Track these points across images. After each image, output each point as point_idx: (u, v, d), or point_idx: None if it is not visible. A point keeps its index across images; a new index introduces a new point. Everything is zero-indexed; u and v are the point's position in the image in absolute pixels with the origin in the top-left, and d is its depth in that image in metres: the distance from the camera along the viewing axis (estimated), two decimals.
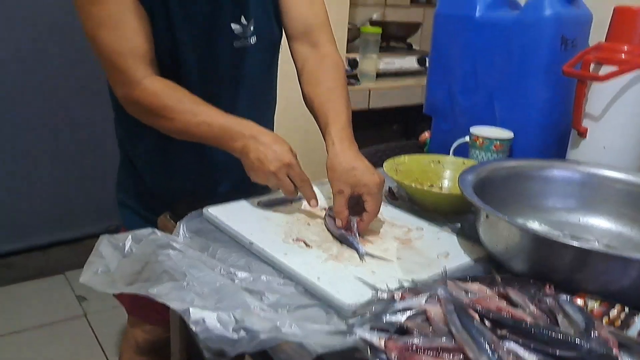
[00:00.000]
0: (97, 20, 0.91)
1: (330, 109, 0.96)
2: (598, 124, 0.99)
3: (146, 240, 0.77)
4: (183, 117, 0.91)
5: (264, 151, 0.87)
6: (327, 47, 1.06)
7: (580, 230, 0.92)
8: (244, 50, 1.03)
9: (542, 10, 1.05)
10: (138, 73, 0.92)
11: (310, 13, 1.06)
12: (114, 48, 0.91)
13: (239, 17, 1.00)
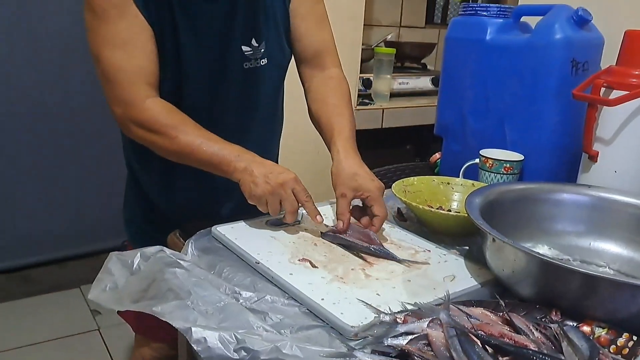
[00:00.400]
0: (105, 38, 0.92)
1: (335, 123, 1.01)
2: (609, 148, 0.99)
3: (154, 258, 0.78)
4: (184, 139, 0.92)
5: (270, 168, 0.90)
6: (333, 70, 1.12)
7: (590, 255, 0.91)
8: (254, 71, 1.05)
9: (552, 34, 1.06)
10: (140, 93, 0.94)
11: (320, 39, 1.10)
12: (120, 66, 0.93)
13: (250, 39, 1.02)
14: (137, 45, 0.93)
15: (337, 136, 0.99)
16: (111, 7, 0.91)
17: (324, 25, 1.11)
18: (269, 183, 0.88)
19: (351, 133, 1.01)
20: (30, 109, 2.39)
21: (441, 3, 3.35)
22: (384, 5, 2.95)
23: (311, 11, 1.08)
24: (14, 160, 2.42)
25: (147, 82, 0.94)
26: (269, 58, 1.06)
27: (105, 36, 0.92)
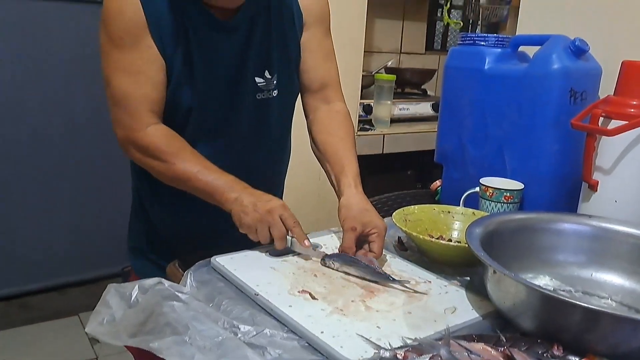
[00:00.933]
0: (117, 64, 0.96)
1: (344, 157, 1.04)
2: (609, 177, 0.99)
3: (152, 291, 0.78)
4: (181, 165, 0.96)
5: (258, 197, 0.93)
6: (338, 104, 1.15)
7: (592, 286, 0.90)
8: (266, 102, 1.07)
9: (550, 64, 1.07)
10: (144, 118, 0.97)
11: (326, 73, 1.13)
12: (127, 91, 0.96)
13: (263, 71, 1.05)
14: (146, 75, 0.96)
15: (348, 170, 1.01)
16: (127, 36, 0.95)
17: (331, 59, 1.14)
18: (257, 211, 0.91)
19: (357, 169, 1.03)
20: (31, 135, 2.41)
21: (441, 30, 3.39)
22: (384, 32, 2.98)
23: (320, 45, 1.12)
24: (14, 186, 2.43)
25: (152, 110, 0.98)
26: (280, 89, 1.08)
27: (118, 62, 0.96)
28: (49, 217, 2.53)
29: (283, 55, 1.07)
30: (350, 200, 0.97)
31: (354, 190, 0.99)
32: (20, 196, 2.45)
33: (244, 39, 1.02)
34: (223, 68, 1.02)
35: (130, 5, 0.94)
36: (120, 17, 0.95)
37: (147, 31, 0.95)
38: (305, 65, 1.12)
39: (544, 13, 1.36)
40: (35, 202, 2.49)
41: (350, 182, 1.00)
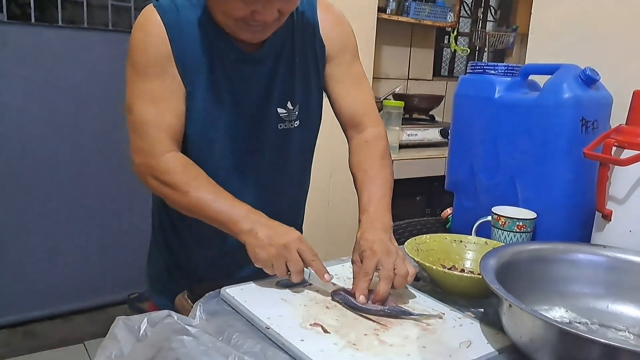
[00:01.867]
0: (140, 92, 0.98)
1: (363, 193, 1.03)
2: (623, 207, 0.97)
3: (161, 324, 0.76)
4: (196, 194, 0.95)
5: (273, 229, 0.91)
6: (368, 131, 1.12)
7: (609, 318, 0.88)
8: (288, 132, 1.08)
9: (561, 93, 1.06)
10: (163, 146, 0.97)
11: (355, 101, 1.12)
12: (148, 120, 0.97)
13: (286, 102, 1.06)
14: (168, 104, 0.98)
15: (363, 209, 1.00)
16: (151, 66, 0.96)
17: (361, 85, 1.13)
18: (273, 245, 0.89)
19: (381, 199, 1.01)
20: (39, 162, 2.43)
21: (448, 56, 3.41)
22: (392, 58, 3.01)
23: (347, 73, 1.11)
24: (20, 213, 2.44)
25: (171, 138, 0.98)
26: (301, 120, 1.09)
27: (141, 90, 0.97)
28: (55, 244, 2.53)
29: (305, 86, 1.08)
30: (360, 236, 0.95)
31: (365, 227, 0.96)
32: (26, 223, 2.45)
33: (269, 71, 1.04)
34: (249, 99, 1.03)
35: (155, 37, 0.96)
36: (145, 48, 0.96)
37: (172, 62, 0.97)
38: (333, 96, 1.12)
39: (553, 42, 1.37)
40: (41, 229, 2.49)
41: (363, 221, 0.98)
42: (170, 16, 0.97)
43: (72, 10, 2.53)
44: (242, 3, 0.89)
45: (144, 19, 0.98)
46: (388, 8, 2.80)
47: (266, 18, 0.92)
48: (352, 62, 1.13)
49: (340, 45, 1.11)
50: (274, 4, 0.90)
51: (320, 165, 1.12)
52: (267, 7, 0.90)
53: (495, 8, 3.64)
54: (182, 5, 0.99)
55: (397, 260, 0.89)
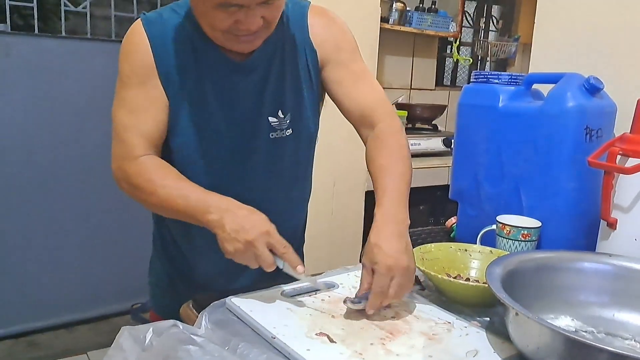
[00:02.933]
0: (121, 101, 1.00)
1: (378, 188, 0.97)
2: (628, 215, 0.97)
3: (167, 334, 0.76)
4: (163, 191, 0.95)
5: (240, 222, 0.88)
6: (380, 126, 1.05)
7: (615, 326, 0.88)
8: (280, 141, 1.07)
9: (565, 102, 1.07)
10: (137, 150, 0.99)
11: (360, 99, 1.07)
12: (127, 126, 0.99)
13: (277, 111, 1.05)
14: (148, 112, 0.99)
15: (378, 202, 0.95)
16: (134, 76, 0.99)
17: (364, 82, 1.08)
18: (239, 241, 0.87)
19: (395, 192, 0.95)
20: (41, 174, 2.44)
21: (450, 66, 3.43)
22: (394, 68, 3.02)
23: (347, 73, 1.07)
24: (22, 224, 2.43)
25: (148, 144, 1.00)
26: (293, 129, 1.07)
27: (123, 99, 1.00)
28: (58, 254, 2.53)
29: (296, 94, 1.07)
30: (369, 236, 0.91)
31: (375, 225, 0.91)
32: (29, 234, 2.45)
33: (259, 80, 1.03)
34: (239, 109, 1.03)
35: (140, 46, 0.98)
36: (129, 58, 0.99)
37: (154, 73, 0.98)
38: (338, 98, 1.08)
39: (556, 51, 1.37)
40: (44, 239, 2.49)
41: (376, 218, 0.92)
42: (155, 28, 0.99)
43: (75, 21, 2.55)
44: (224, 14, 0.89)
45: (131, 31, 1.00)
46: (391, 18, 2.82)
47: (250, 27, 0.92)
48: (351, 61, 1.08)
49: (334, 47, 1.07)
50: (256, 11, 0.90)
51: (323, 174, 1.11)
52: (249, 16, 0.90)
53: (497, 18, 3.66)
54: (169, 17, 1.00)
55: (407, 279, 0.87)
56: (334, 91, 1.08)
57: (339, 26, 1.10)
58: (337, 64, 1.08)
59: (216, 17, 0.90)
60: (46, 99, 2.39)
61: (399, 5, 2.82)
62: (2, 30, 2.33)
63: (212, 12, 0.90)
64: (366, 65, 1.12)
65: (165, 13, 1.01)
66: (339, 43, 1.08)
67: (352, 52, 1.09)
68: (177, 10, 1.02)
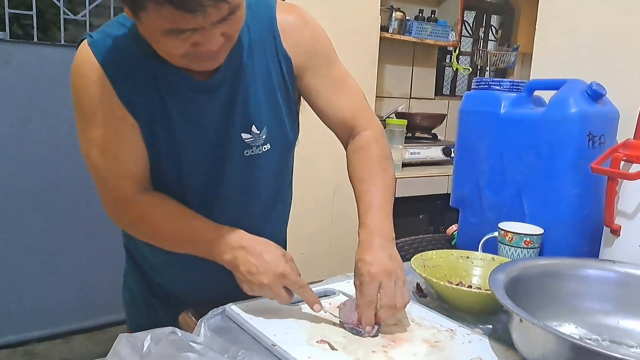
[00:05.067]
0: (92, 141, 0.91)
1: (360, 204, 0.95)
2: (632, 221, 0.96)
3: (165, 341, 0.75)
4: (169, 232, 0.92)
5: (255, 263, 0.85)
6: (362, 135, 1.02)
7: (619, 334, 0.87)
8: (255, 158, 0.99)
9: (567, 108, 1.06)
10: (127, 190, 0.92)
11: (340, 108, 1.02)
12: (107, 168, 0.92)
13: (250, 127, 0.97)
14: (124, 148, 0.91)
15: (361, 222, 0.92)
16: (98, 111, 0.89)
17: (343, 89, 1.02)
18: (254, 283, 0.85)
19: (379, 208, 0.93)
20: (38, 182, 2.42)
21: (450, 75, 3.43)
22: (394, 77, 3.02)
23: (325, 81, 1.01)
24: (20, 233, 2.42)
25: (135, 182, 0.93)
26: (271, 143, 0.99)
27: (92, 139, 0.91)
28: (54, 263, 2.51)
29: (272, 108, 0.98)
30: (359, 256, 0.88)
31: (361, 243, 0.90)
32: (26, 243, 2.44)
33: (227, 97, 0.94)
34: (208, 129, 0.94)
35: (97, 80, 0.87)
36: (88, 93, 0.88)
37: (118, 104, 0.88)
38: (318, 107, 1.02)
39: (557, 58, 1.37)
40: (41, 248, 2.47)
41: (360, 236, 0.91)
42: (106, 54, 0.87)
43: (74, 31, 2.55)
44: (177, 40, 0.77)
45: (80, 60, 0.89)
46: (390, 27, 2.82)
47: (211, 47, 0.80)
48: (328, 67, 1.01)
49: (310, 52, 0.99)
50: (214, 30, 0.78)
51: (323, 182, 1.09)
52: (207, 37, 0.78)
53: (496, 27, 3.67)
54: (119, 37, 0.89)
55: (397, 285, 0.84)
56: (312, 100, 1.02)
57: (313, 28, 1.00)
58: (314, 71, 1.00)
59: (169, 44, 0.78)
60: (45, 107, 2.39)
61: (399, 15, 2.82)
62: (1, 38, 2.33)
63: (164, 40, 0.78)
64: (344, 67, 1.05)
65: (113, 31, 0.89)
66: (315, 48, 1.00)
67: (329, 58, 1.02)
68: (127, 24, 0.90)
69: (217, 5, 0.74)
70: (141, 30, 0.81)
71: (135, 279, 1.13)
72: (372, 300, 0.83)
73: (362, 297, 0.83)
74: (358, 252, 0.88)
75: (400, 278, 0.85)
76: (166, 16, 0.73)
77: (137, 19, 0.77)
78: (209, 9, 0.73)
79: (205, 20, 0.75)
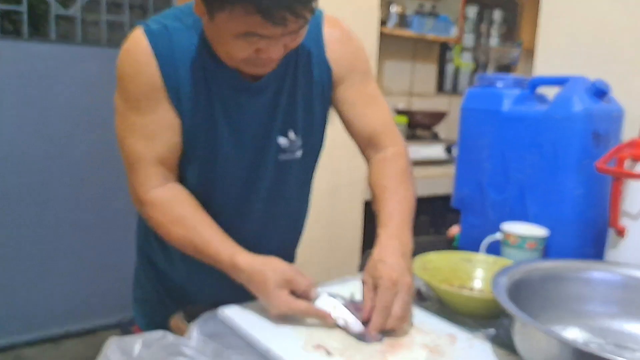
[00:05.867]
0: (131, 127, 0.93)
1: (381, 211, 0.96)
2: (637, 222, 0.94)
3: (156, 345, 0.73)
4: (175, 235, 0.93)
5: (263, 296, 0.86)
6: (387, 150, 1.05)
7: (624, 338, 0.85)
8: (288, 163, 1.02)
9: (571, 106, 1.04)
10: (156, 180, 0.94)
11: (371, 122, 1.05)
12: (139, 155, 0.93)
13: (287, 132, 1.00)
14: (161, 139, 0.93)
15: (383, 223, 0.93)
16: (144, 99, 0.91)
17: (376, 104, 1.06)
18: (269, 310, 0.86)
19: (402, 215, 0.95)
20: (32, 183, 2.40)
21: (451, 71, 3.40)
22: (394, 73, 3.00)
23: (360, 95, 1.04)
24: (11, 235, 2.39)
25: (165, 172, 0.94)
26: (304, 150, 1.03)
27: (133, 125, 0.92)
28: (45, 267, 2.48)
29: (308, 115, 1.02)
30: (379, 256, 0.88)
31: (379, 244, 0.90)
32: (17, 246, 2.41)
33: (270, 101, 0.98)
34: (248, 130, 0.97)
35: (147, 67, 0.89)
36: (136, 80, 0.90)
37: (164, 94, 0.91)
38: (347, 119, 1.05)
39: (560, 55, 1.35)
40: (32, 251, 2.44)
41: (379, 239, 0.91)
42: (161, 44, 0.90)
43: (66, 27, 2.52)
44: (245, 43, 0.82)
45: (133, 46, 0.90)
46: (390, 22, 2.79)
47: (272, 55, 0.85)
48: (364, 82, 1.05)
49: (350, 66, 1.04)
50: (280, 41, 0.83)
51: (320, 184, 1.07)
52: (272, 45, 0.83)
53: (499, 23, 3.64)
54: (175, 29, 0.91)
55: (409, 299, 0.84)
56: (344, 112, 1.05)
57: (354, 44, 1.05)
58: (351, 84, 1.04)
59: (236, 46, 0.83)
60: (36, 104, 2.36)
61: (399, 9, 2.79)
62: None
63: (232, 42, 0.82)
64: (376, 86, 1.09)
65: (169, 23, 0.91)
66: (354, 62, 1.04)
67: (366, 73, 1.06)
68: (183, 19, 0.93)
69: (297, 20, 0.79)
70: (209, 29, 0.86)
71: (148, 277, 1.14)
72: (388, 306, 0.82)
73: (379, 301, 0.82)
74: (377, 252, 0.88)
75: (412, 296, 0.85)
76: (247, 22, 0.77)
77: (210, 18, 0.81)
78: (290, 23, 0.78)
79: (281, 32, 0.80)
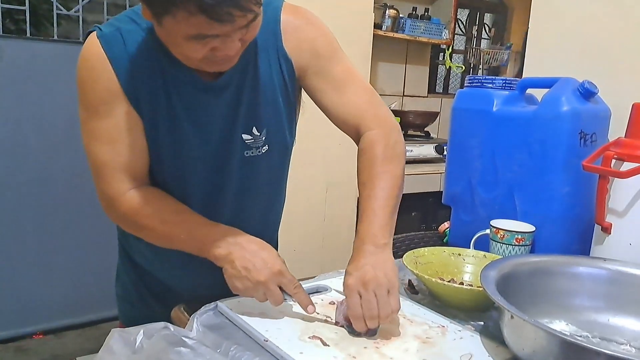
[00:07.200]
0: (93, 133, 0.92)
1: (361, 211, 0.92)
2: (623, 220, 0.97)
3: (158, 336, 0.75)
4: (163, 227, 0.92)
5: (251, 259, 0.85)
6: (365, 137, 0.99)
7: (610, 331, 0.87)
8: (254, 159, 1.01)
9: (560, 106, 1.07)
10: (122, 187, 0.92)
11: (345, 107, 1.00)
12: (104, 161, 0.92)
13: (251, 128, 0.98)
14: (124, 142, 0.91)
15: (356, 232, 0.91)
16: (101, 104, 0.90)
17: (348, 87, 1.00)
18: (250, 280, 0.84)
19: (374, 214, 0.90)
20: (31, 178, 2.41)
21: (443, 73, 3.44)
22: (387, 75, 3.03)
23: (327, 82, 0.99)
24: (12, 229, 2.40)
25: (132, 177, 0.93)
26: (270, 145, 1.01)
27: (94, 131, 0.91)
28: (46, 259, 2.50)
29: (273, 109, 0.99)
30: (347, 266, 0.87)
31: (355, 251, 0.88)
32: (18, 239, 2.42)
33: (232, 98, 0.95)
34: (211, 129, 0.96)
35: (102, 72, 0.88)
36: (94, 86, 0.89)
37: (123, 98, 0.89)
38: (323, 108, 1.01)
39: (549, 56, 1.38)
40: (33, 245, 2.46)
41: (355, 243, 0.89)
42: (115, 48, 0.88)
43: (67, 26, 2.53)
44: (198, 45, 0.79)
45: (88, 52, 0.89)
46: (384, 25, 2.82)
47: (229, 52, 0.82)
48: (331, 66, 0.99)
49: (312, 53, 0.98)
50: (234, 36, 0.80)
51: (315, 180, 1.08)
52: (227, 42, 0.80)
53: (489, 26, 3.68)
54: (129, 31, 0.89)
55: (379, 293, 0.82)
56: (317, 100, 1.01)
57: (312, 29, 0.99)
58: (317, 72, 0.99)
59: (189, 48, 0.80)
60: (38, 102, 2.37)
61: (392, 12, 2.83)
62: None
63: (185, 44, 0.79)
64: (349, 64, 1.02)
65: (123, 26, 0.90)
66: (315, 48, 0.98)
67: (331, 56, 1.00)
68: (137, 20, 0.90)
69: (245, 15, 0.77)
70: (160, 33, 0.83)
71: (128, 274, 1.13)
72: (356, 312, 0.81)
73: (348, 309, 0.83)
74: (348, 265, 0.87)
75: (382, 285, 0.82)
76: (193, 23, 0.75)
77: (158, 22, 0.78)
78: (237, 18, 0.76)
79: (231, 28, 0.77)
